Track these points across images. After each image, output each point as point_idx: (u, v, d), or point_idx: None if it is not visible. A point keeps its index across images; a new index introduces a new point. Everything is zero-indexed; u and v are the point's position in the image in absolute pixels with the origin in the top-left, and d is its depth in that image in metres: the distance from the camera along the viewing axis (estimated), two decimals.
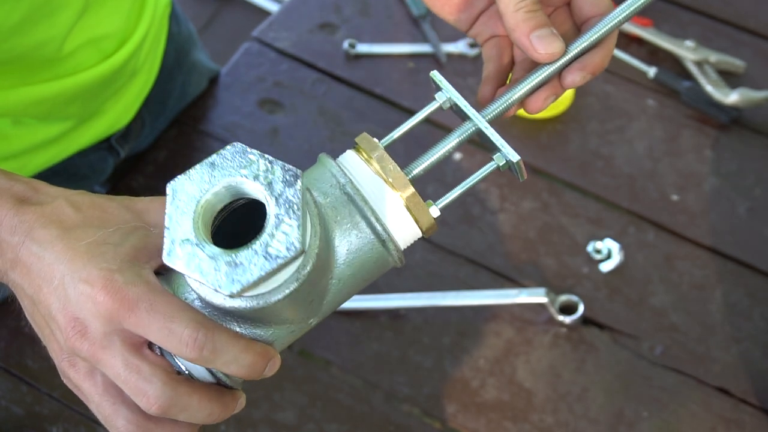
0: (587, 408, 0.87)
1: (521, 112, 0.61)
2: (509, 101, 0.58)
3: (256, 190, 0.47)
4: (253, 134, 1.04)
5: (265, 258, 0.46)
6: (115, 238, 0.52)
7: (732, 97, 1.04)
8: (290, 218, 0.46)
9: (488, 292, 0.91)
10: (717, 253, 0.96)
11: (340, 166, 0.53)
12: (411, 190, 0.53)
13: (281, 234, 0.46)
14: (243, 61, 1.10)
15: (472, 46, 1.11)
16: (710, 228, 0.98)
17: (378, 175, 0.53)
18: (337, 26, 1.13)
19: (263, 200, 0.47)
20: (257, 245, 0.46)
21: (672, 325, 0.92)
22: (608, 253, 0.95)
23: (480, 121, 0.56)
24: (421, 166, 0.56)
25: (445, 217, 0.97)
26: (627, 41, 1.12)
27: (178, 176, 0.48)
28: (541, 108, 0.59)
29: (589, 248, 0.96)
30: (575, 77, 0.57)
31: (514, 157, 0.54)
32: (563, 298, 0.91)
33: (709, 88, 1.05)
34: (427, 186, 0.98)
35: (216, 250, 0.46)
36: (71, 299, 0.51)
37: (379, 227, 0.52)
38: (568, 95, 1.06)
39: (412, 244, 0.55)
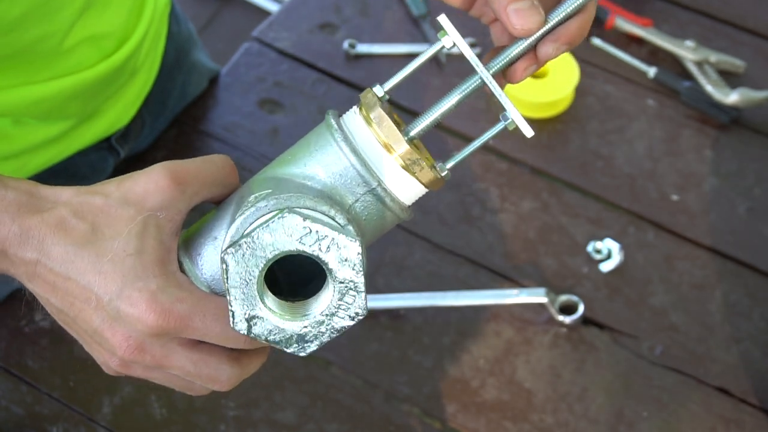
0: (587, 408, 0.87)
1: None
2: (511, 54, 0.56)
3: (314, 256, 0.49)
4: (253, 134, 1.04)
5: (330, 331, 0.50)
6: (133, 245, 0.52)
7: (732, 97, 1.04)
8: (354, 291, 0.49)
9: (488, 292, 0.91)
10: (717, 253, 0.96)
11: (343, 132, 0.53)
12: (405, 147, 0.52)
13: (345, 304, 0.49)
14: (243, 61, 1.10)
15: (473, 46, 1.11)
16: (710, 228, 0.98)
17: (375, 136, 0.53)
18: (337, 26, 1.13)
19: (324, 267, 0.49)
20: (323, 314, 0.49)
21: (672, 325, 0.92)
22: (608, 253, 0.95)
23: (483, 72, 0.55)
24: (423, 123, 0.55)
25: (445, 217, 0.97)
26: (627, 41, 1.12)
27: (230, 249, 0.49)
28: (521, 78, 0.57)
29: (589, 248, 0.96)
30: (548, 49, 0.54)
31: (516, 114, 0.53)
32: (563, 298, 0.91)
33: (709, 88, 1.05)
34: None
35: (282, 322, 0.50)
36: (118, 320, 0.51)
37: (380, 191, 0.52)
38: (568, 95, 1.06)
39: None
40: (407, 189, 0.54)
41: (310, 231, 0.48)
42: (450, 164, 0.56)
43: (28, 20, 0.72)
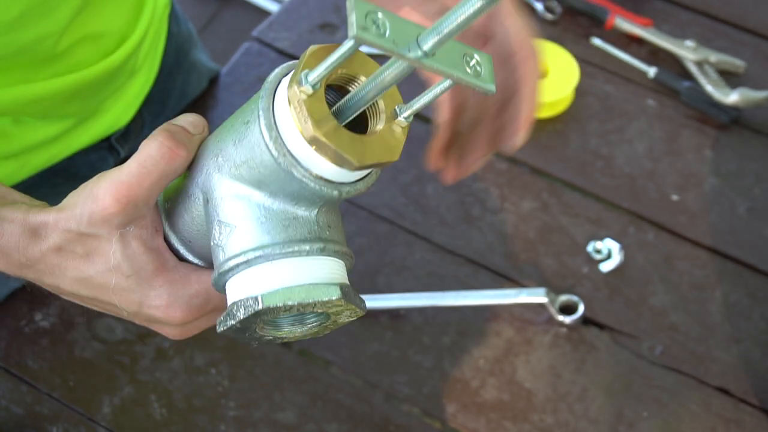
0: (587, 408, 0.87)
1: None
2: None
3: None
4: None
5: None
6: (127, 267, 0.54)
7: (732, 97, 1.04)
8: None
9: (488, 292, 0.91)
10: (717, 253, 0.96)
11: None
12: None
13: None
14: (243, 61, 1.10)
15: None
16: (710, 228, 0.98)
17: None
18: (337, 26, 1.13)
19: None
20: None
21: (672, 325, 0.92)
22: (608, 253, 0.95)
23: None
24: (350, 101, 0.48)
25: (445, 217, 0.97)
26: (627, 41, 1.12)
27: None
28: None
29: (589, 248, 0.96)
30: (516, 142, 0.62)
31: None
32: (563, 298, 0.91)
33: (709, 88, 1.05)
34: (427, 185, 0.98)
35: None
36: (153, 322, 0.57)
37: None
38: (568, 95, 1.06)
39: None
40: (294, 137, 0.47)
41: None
42: (407, 112, 0.49)
43: (27, 20, 0.72)
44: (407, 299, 0.91)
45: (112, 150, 0.97)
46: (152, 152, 0.51)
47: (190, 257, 0.56)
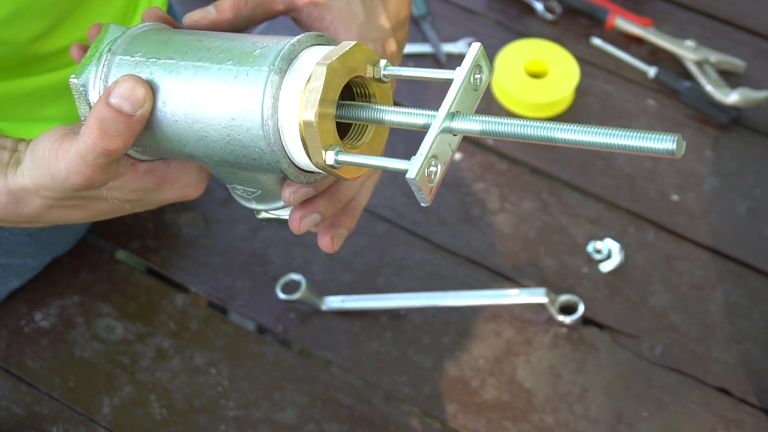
0: (587, 408, 0.87)
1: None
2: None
3: None
4: None
5: None
6: (130, 197, 0.59)
7: (732, 97, 1.04)
8: None
9: (488, 292, 0.91)
10: (717, 253, 0.96)
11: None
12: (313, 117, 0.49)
13: None
14: None
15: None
16: (710, 228, 0.98)
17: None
18: None
19: None
20: None
21: (672, 325, 0.92)
22: (608, 253, 0.95)
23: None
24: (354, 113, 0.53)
25: (445, 217, 0.97)
26: (627, 41, 1.12)
27: None
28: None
29: (589, 248, 0.96)
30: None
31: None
32: (563, 298, 0.91)
33: (709, 88, 1.05)
34: None
35: None
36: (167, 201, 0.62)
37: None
38: (568, 95, 1.06)
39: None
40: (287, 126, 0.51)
41: None
42: (341, 158, 0.51)
43: (16, 21, 0.72)
44: (407, 299, 0.91)
45: None
46: (86, 148, 0.53)
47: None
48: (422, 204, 0.48)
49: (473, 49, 0.50)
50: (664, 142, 0.46)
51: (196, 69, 0.53)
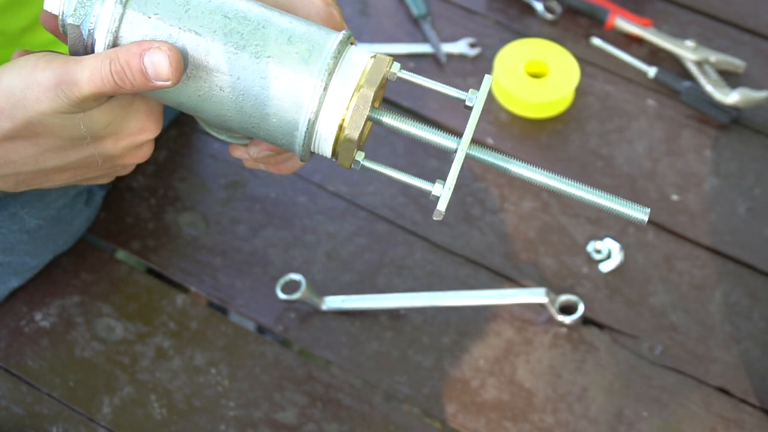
0: (587, 408, 0.87)
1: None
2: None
3: None
4: None
5: None
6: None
7: (732, 97, 1.04)
8: None
9: (488, 292, 0.91)
10: (717, 253, 0.96)
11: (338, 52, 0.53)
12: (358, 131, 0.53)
13: None
14: None
15: (473, 46, 1.11)
16: (710, 228, 0.98)
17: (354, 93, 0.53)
18: None
19: None
20: None
21: (672, 325, 0.92)
22: (608, 253, 0.95)
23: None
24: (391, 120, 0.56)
25: (445, 217, 0.97)
26: (627, 41, 1.12)
27: None
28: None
29: (589, 248, 0.96)
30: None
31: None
32: (563, 298, 0.91)
33: (709, 88, 1.05)
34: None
35: None
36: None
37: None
38: (568, 95, 1.06)
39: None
40: (323, 136, 0.54)
41: None
42: (366, 164, 0.56)
43: (8, 11, 0.72)
44: (407, 299, 0.91)
45: None
46: (102, 73, 0.53)
47: None
48: (436, 218, 0.55)
49: (488, 81, 0.56)
50: (638, 213, 0.57)
51: (228, 56, 0.52)
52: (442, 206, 0.53)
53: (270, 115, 0.53)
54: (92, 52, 0.54)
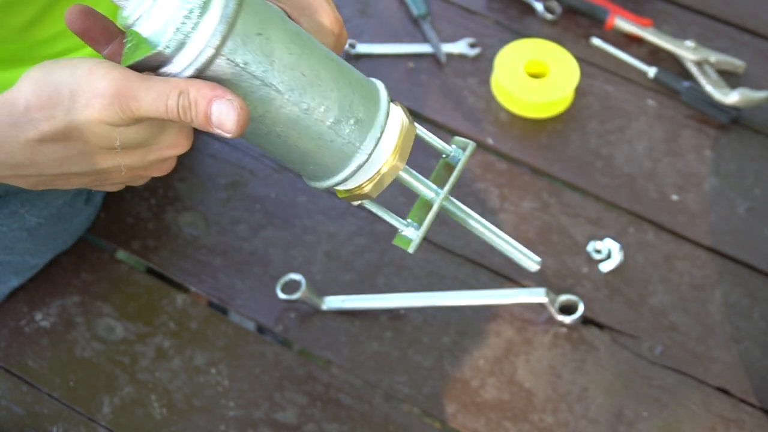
0: (587, 408, 0.87)
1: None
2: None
3: None
4: None
5: None
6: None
7: (732, 97, 1.04)
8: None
9: (488, 292, 0.91)
10: (717, 253, 0.96)
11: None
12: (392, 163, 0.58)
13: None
14: None
15: (472, 46, 1.11)
16: (710, 228, 0.98)
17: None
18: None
19: None
20: None
21: (672, 325, 0.92)
22: (608, 253, 0.95)
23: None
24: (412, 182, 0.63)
25: (445, 217, 0.97)
26: (627, 41, 1.12)
27: None
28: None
29: (589, 248, 0.96)
30: None
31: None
32: (563, 298, 0.91)
33: (709, 88, 1.05)
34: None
35: None
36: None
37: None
38: (568, 95, 1.06)
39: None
40: (359, 174, 0.58)
41: None
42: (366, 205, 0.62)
43: (8, 6, 0.72)
44: (407, 299, 0.91)
45: None
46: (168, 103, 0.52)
47: None
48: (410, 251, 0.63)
49: (471, 148, 0.66)
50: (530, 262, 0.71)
51: (298, 116, 0.54)
52: (412, 249, 0.62)
53: (310, 163, 0.57)
54: (160, 68, 0.53)
